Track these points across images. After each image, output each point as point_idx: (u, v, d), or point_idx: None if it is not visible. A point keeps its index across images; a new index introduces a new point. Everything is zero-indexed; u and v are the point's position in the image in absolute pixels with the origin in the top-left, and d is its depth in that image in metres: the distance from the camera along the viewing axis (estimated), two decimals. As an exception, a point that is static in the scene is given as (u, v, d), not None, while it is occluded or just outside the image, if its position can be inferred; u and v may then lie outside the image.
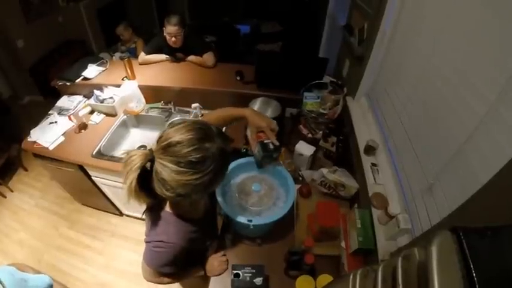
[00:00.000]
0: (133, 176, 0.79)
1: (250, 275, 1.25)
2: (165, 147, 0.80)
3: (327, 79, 2.07)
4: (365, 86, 1.83)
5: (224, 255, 1.41)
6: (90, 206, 2.95)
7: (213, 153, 0.83)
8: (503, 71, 0.77)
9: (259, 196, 1.36)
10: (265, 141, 1.29)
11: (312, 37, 3.48)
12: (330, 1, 2.89)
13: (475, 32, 0.92)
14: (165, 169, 0.80)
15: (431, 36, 1.18)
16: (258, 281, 1.24)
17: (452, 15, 1.05)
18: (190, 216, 1.07)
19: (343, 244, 1.39)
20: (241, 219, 1.25)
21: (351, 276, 0.59)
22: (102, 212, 2.90)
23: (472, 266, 0.37)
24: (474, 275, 0.37)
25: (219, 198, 1.32)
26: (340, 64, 2.26)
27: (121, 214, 2.85)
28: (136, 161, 0.80)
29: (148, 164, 0.82)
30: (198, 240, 1.14)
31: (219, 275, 1.37)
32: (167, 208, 1.04)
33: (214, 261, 1.37)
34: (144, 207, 1.05)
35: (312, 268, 1.29)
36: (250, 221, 1.24)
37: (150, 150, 0.84)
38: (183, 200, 0.90)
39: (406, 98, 1.34)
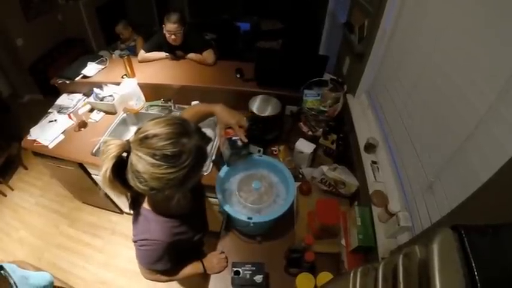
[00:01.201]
0: (108, 164, 0.80)
1: (250, 272, 1.25)
2: (142, 139, 0.80)
3: (327, 76, 2.06)
4: (365, 84, 1.83)
5: (223, 252, 1.41)
6: (90, 204, 2.95)
7: (190, 149, 0.82)
8: (503, 69, 0.77)
9: (259, 193, 1.36)
10: (234, 138, 1.28)
11: (312, 35, 3.47)
12: (331, -1, 2.88)
13: (475, 30, 0.91)
14: (140, 161, 0.79)
15: (432, 34, 1.18)
16: (258, 278, 1.24)
17: (453, 12, 1.04)
18: (170, 212, 1.07)
19: (343, 242, 1.39)
20: (241, 217, 1.25)
21: (352, 274, 0.59)
22: (103, 210, 2.91)
23: (473, 264, 0.37)
24: (476, 273, 0.36)
25: (219, 196, 1.32)
26: (341, 61, 2.26)
27: (121, 212, 2.85)
28: (112, 150, 0.80)
29: (125, 155, 0.83)
30: (184, 235, 1.14)
31: (219, 272, 1.37)
32: (145, 205, 1.04)
33: (213, 258, 1.37)
34: (124, 200, 1.05)
35: (312, 266, 1.29)
36: (250, 218, 1.24)
37: (127, 141, 0.83)
38: (156, 195, 0.89)
39: (407, 96, 1.34)
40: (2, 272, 1.01)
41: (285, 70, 2.13)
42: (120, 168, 0.83)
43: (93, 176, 2.27)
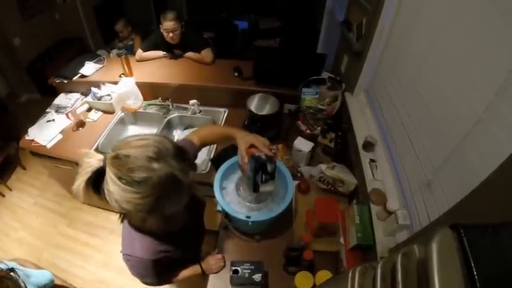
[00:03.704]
0: (82, 179, 0.78)
1: (249, 271, 1.25)
2: (114, 158, 0.76)
3: (325, 75, 2.06)
4: (363, 82, 1.82)
5: (219, 253, 1.41)
6: (88, 204, 2.94)
7: (159, 176, 0.75)
8: (502, 67, 0.77)
9: (257, 192, 1.36)
10: (257, 154, 1.15)
11: (310, 33, 3.47)
12: (328, -4, 2.88)
13: (474, 28, 0.91)
14: (110, 181, 0.75)
15: (430, 32, 1.17)
16: (257, 277, 1.24)
17: (451, 10, 1.04)
18: (153, 231, 1.02)
19: (341, 240, 1.39)
20: (240, 215, 1.25)
21: (350, 274, 0.59)
22: (101, 210, 2.90)
23: (472, 264, 0.37)
24: (475, 272, 0.36)
25: (217, 195, 1.32)
26: (339, 60, 2.25)
27: None
28: (90, 165, 0.79)
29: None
30: (171, 253, 1.09)
31: (217, 272, 1.37)
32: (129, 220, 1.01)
33: (210, 260, 1.37)
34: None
35: (310, 264, 1.29)
36: (249, 217, 1.24)
37: (105, 157, 0.80)
38: (130, 216, 0.87)
39: (405, 94, 1.34)
40: (13, 274, 1.01)
41: (283, 68, 2.12)
42: (97, 179, 0.79)
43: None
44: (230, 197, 1.37)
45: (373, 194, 1.34)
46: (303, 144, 1.71)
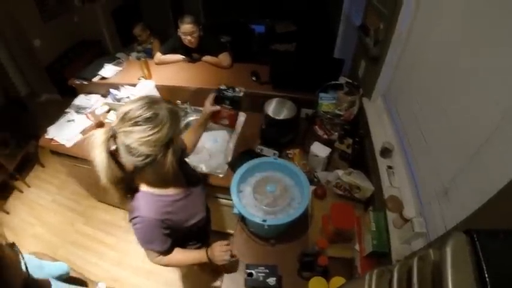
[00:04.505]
0: (100, 149, 0.93)
1: (263, 274, 1.26)
2: (122, 118, 0.93)
3: (342, 80, 2.05)
4: (381, 87, 1.82)
5: (228, 244, 1.32)
6: (105, 203, 2.99)
7: (165, 109, 0.97)
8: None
9: (274, 196, 1.37)
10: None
11: (327, 37, 3.46)
12: (345, 1, 2.87)
13: (492, 34, 0.91)
14: (127, 134, 0.92)
15: (448, 37, 1.17)
16: (271, 281, 1.24)
17: (469, 15, 1.03)
18: (161, 193, 1.16)
19: (357, 247, 1.38)
20: (256, 219, 1.26)
21: (367, 276, 0.61)
22: (117, 209, 2.94)
23: (484, 267, 0.40)
24: (486, 275, 0.39)
25: (234, 197, 1.33)
26: (356, 64, 2.25)
27: None
28: (100, 138, 0.94)
29: (114, 147, 0.95)
30: (174, 215, 1.19)
31: (222, 265, 1.32)
32: (138, 187, 1.13)
33: (216, 248, 1.29)
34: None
35: (325, 270, 1.29)
36: (265, 220, 1.25)
37: (110, 127, 0.96)
38: (148, 166, 0.98)
39: (422, 99, 1.33)
40: (14, 248, 1.06)
41: (300, 73, 2.13)
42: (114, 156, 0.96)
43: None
44: (247, 200, 1.38)
45: (389, 201, 1.33)
46: (319, 150, 1.71)
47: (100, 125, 2.30)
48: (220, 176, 1.82)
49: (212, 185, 1.83)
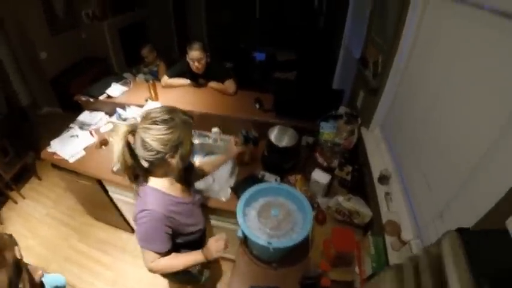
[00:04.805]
0: (121, 136, 1.12)
1: (266, 296, 1.29)
2: (144, 117, 1.14)
3: (342, 110, 2.14)
4: (379, 117, 1.88)
5: (223, 239, 1.34)
6: (102, 221, 2.96)
7: (179, 119, 1.15)
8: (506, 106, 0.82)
9: (277, 220, 1.42)
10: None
11: (326, 67, 3.57)
12: (345, 34, 3.01)
13: (487, 67, 0.96)
14: (145, 130, 1.10)
15: (442, 69, 1.24)
16: (274, 302, 1.27)
17: (464, 48, 1.10)
18: (169, 192, 1.28)
19: (356, 270, 1.42)
20: (261, 241, 1.31)
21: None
22: (114, 228, 2.91)
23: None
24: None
25: (240, 219, 1.37)
26: (355, 94, 2.33)
27: (133, 231, 2.82)
28: (123, 128, 1.12)
29: (132, 140, 1.15)
30: (178, 216, 1.28)
31: (217, 256, 1.33)
32: (147, 183, 1.25)
33: (211, 242, 1.33)
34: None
35: (326, 292, 1.32)
36: (270, 243, 1.29)
37: (132, 125, 1.15)
38: (159, 163, 1.17)
39: (418, 129, 1.40)
40: (12, 239, 1.10)
41: (301, 102, 2.20)
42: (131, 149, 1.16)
43: (110, 194, 2.31)
44: (251, 223, 1.43)
45: (387, 225, 1.38)
46: (320, 176, 1.77)
47: (104, 143, 2.34)
48: (223, 199, 1.84)
49: (214, 208, 1.85)
